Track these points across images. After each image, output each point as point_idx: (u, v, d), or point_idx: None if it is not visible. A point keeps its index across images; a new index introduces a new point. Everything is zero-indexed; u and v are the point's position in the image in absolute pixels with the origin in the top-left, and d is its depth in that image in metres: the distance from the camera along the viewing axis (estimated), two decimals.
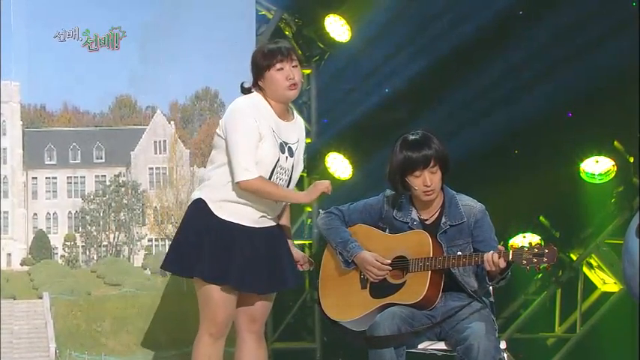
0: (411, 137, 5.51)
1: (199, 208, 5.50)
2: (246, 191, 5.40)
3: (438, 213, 5.59)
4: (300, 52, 9.16)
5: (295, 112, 5.68)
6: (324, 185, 5.44)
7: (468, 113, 8.78)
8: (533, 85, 8.62)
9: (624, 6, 8.44)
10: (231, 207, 5.49)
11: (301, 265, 5.73)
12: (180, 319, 6.57)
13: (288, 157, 5.52)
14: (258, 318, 5.67)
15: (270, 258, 5.54)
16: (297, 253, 5.73)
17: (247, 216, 5.50)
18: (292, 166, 5.55)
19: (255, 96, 5.51)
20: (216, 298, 5.52)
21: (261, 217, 5.54)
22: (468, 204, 5.58)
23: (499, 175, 8.63)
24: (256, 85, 5.51)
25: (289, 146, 5.54)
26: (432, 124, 8.32)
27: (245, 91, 5.54)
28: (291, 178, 5.56)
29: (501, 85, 8.67)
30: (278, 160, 5.47)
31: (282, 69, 5.47)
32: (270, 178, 5.45)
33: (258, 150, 5.41)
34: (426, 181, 5.47)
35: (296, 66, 5.52)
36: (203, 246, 5.45)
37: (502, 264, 5.28)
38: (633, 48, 8.23)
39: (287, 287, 5.67)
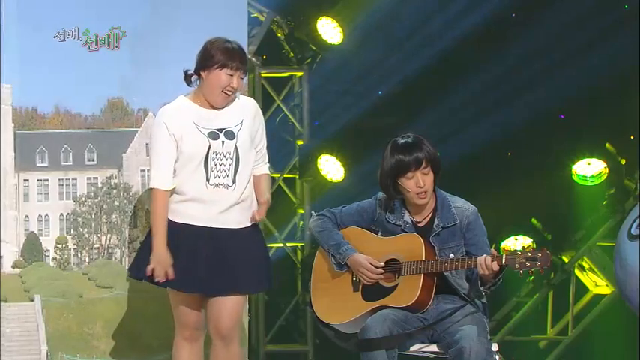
0: (402, 140, 5.52)
1: None
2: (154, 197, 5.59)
3: (430, 215, 5.59)
4: (292, 54, 9.16)
5: (239, 94, 5.69)
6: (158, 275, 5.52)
7: (461, 115, 8.79)
8: (525, 88, 8.64)
9: (617, 9, 8.46)
10: (180, 208, 5.53)
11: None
12: (172, 322, 6.54)
13: (226, 141, 5.53)
14: (222, 324, 5.59)
15: (223, 258, 5.53)
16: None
17: (199, 215, 5.52)
18: (235, 148, 5.55)
19: (177, 100, 5.62)
20: (180, 302, 5.60)
21: (220, 214, 5.53)
22: (461, 206, 5.58)
23: (492, 177, 8.65)
24: (197, 74, 5.57)
25: (227, 130, 5.55)
26: (425, 126, 8.37)
27: (187, 77, 5.62)
28: (238, 160, 5.56)
29: (494, 88, 8.68)
30: (209, 147, 5.50)
31: (231, 75, 5.51)
32: (206, 166, 5.49)
33: (180, 151, 5.49)
34: (419, 182, 5.47)
35: (242, 77, 5.57)
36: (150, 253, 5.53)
37: (495, 267, 5.28)
38: (626, 51, 8.25)
39: (240, 291, 5.61)
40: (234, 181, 5.55)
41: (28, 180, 6.81)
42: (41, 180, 6.83)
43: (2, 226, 6.69)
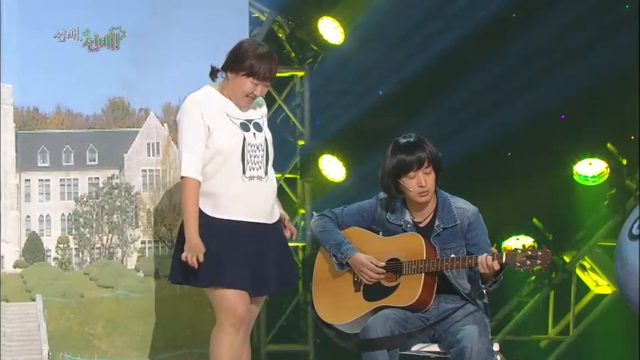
0: (404, 140, 5.52)
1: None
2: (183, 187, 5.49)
3: (431, 216, 5.58)
4: (293, 54, 9.17)
5: None
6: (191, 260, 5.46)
7: (461, 115, 8.80)
8: (526, 88, 8.64)
9: (617, 9, 8.46)
10: (220, 204, 5.50)
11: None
12: (173, 322, 6.55)
13: (257, 132, 5.55)
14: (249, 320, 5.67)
15: (258, 260, 5.54)
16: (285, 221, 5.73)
17: (240, 210, 5.51)
18: (265, 140, 5.57)
19: (205, 88, 5.58)
20: (230, 294, 5.49)
21: (258, 208, 5.53)
22: (462, 207, 5.58)
23: (493, 177, 8.65)
24: (224, 71, 5.55)
25: (255, 122, 5.58)
26: (425, 126, 8.37)
27: (213, 72, 5.58)
28: (267, 152, 5.57)
29: (494, 88, 8.68)
30: (244, 139, 5.49)
31: (256, 84, 5.50)
32: (243, 158, 5.47)
33: (212, 141, 5.45)
34: (421, 181, 5.47)
35: (267, 86, 5.56)
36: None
37: (496, 266, 5.28)
38: (626, 51, 8.25)
39: (272, 291, 5.68)
40: (266, 173, 5.57)
41: (29, 180, 6.82)
42: (42, 180, 6.83)
43: (3, 226, 6.69)
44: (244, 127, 5.54)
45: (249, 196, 5.52)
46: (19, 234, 6.76)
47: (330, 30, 9.05)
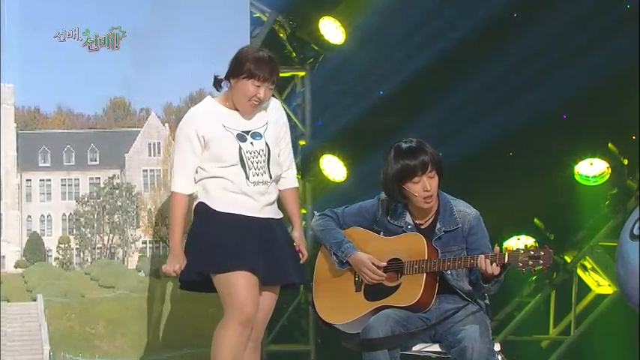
0: (405, 145, 5.49)
1: (199, 210, 5.57)
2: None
3: (432, 218, 5.57)
4: (294, 54, 9.17)
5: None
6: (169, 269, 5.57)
7: (462, 115, 8.80)
8: (527, 88, 8.64)
9: (617, 9, 8.47)
10: (227, 198, 5.51)
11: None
12: (174, 322, 6.55)
13: (254, 141, 5.55)
14: (257, 324, 5.59)
15: (271, 249, 5.52)
16: (298, 240, 5.73)
17: (247, 206, 5.51)
18: (266, 144, 5.57)
19: (204, 101, 5.64)
20: (241, 285, 5.41)
21: (264, 206, 5.54)
22: (463, 210, 5.56)
23: (494, 177, 8.65)
24: (227, 80, 5.56)
25: (253, 132, 5.56)
26: (425, 126, 8.38)
27: (216, 81, 5.60)
28: (269, 154, 5.58)
29: (496, 87, 8.69)
30: (240, 148, 5.51)
31: (259, 86, 5.49)
32: (242, 164, 5.50)
33: (211, 151, 5.50)
34: (426, 186, 5.45)
35: (271, 88, 5.55)
36: (207, 243, 5.48)
37: (495, 270, 5.27)
38: (626, 51, 8.26)
39: (290, 281, 5.62)
40: (271, 177, 5.57)
41: (30, 180, 6.82)
42: (44, 180, 6.83)
43: (4, 226, 6.69)
44: (240, 137, 5.54)
45: (256, 198, 5.53)
46: (20, 234, 6.76)
47: (331, 30, 9.06)
